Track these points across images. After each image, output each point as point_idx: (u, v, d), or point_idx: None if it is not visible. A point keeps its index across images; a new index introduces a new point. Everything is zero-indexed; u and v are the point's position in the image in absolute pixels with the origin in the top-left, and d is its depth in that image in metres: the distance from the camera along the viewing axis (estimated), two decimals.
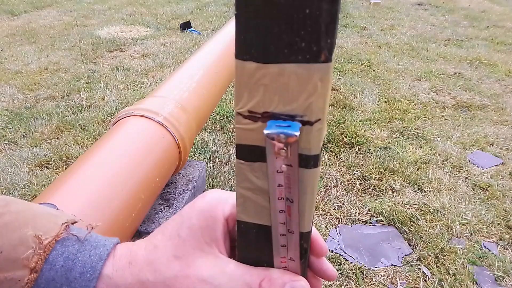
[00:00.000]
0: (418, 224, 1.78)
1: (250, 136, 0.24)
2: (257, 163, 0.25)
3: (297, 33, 0.20)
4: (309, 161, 0.23)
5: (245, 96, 0.23)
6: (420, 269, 1.58)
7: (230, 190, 0.31)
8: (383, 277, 1.54)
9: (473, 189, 2.04)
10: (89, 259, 0.29)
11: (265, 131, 0.22)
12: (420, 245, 1.68)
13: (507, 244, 1.70)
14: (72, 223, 0.32)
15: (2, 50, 3.81)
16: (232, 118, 2.64)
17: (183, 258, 0.29)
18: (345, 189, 2.02)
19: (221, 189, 0.35)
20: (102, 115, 2.61)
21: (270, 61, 0.21)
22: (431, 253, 1.64)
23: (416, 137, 2.49)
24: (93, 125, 2.50)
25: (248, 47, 0.21)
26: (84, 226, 0.33)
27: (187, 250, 0.29)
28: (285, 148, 0.22)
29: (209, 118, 2.58)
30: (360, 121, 2.64)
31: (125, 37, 4.24)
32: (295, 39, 0.20)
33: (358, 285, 1.51)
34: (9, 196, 0.34)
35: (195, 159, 2.17)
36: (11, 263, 0.29)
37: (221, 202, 0.30)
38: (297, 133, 0.21)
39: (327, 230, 1.77)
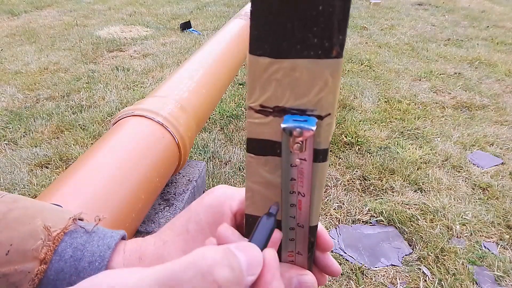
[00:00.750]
0: (418, 224, 1.78)
1: (262, 130, 0.24)
2: (268, 157, 0.25)
3: (310, 29, 0.20)
4: (318, 155, 0.24)
5: (257, 91, 0.23)
6: (420, 269, 1.58)
7: None
8: (383, 277, 1.54)
9: (473, 189, 2.04)
10: (98, 249, 0.30)
11: (282, 125, 0.22)
12: (420, 245, 1.68)
13: (507, 244, 1.70)
14: (79, 219, 0.33)
15: (2, 50, 3.81)
16: (232, 118, 2.64)
17: None
18: (345, 189, 2.02)
19: None
20: (102, 115, 2.61)
21: (283, 57, 0.22)
22: (431, 253, 1.64)
23: (416, 137, 2.49)
24: (93, 125, 2.50)
25: (262, 43, 0.22)
26: (90, 221, 0.33)
27: (196, 245, 0.29)
28: (300, 142, 0.22)
29: (209, 118, 2.58)
30: (360, 121, 2.64)
31: (125, 37, 4.24)
32: (308, 35, 0.21)
33: (358, 285, 1.51)
34: None
35: (195, 159, 2.17)
36: (21, 255, 0.29)
37: (228, 198, 0.31)
38: (314, 128, 0.22)
39: (327, 230, 1.77)
